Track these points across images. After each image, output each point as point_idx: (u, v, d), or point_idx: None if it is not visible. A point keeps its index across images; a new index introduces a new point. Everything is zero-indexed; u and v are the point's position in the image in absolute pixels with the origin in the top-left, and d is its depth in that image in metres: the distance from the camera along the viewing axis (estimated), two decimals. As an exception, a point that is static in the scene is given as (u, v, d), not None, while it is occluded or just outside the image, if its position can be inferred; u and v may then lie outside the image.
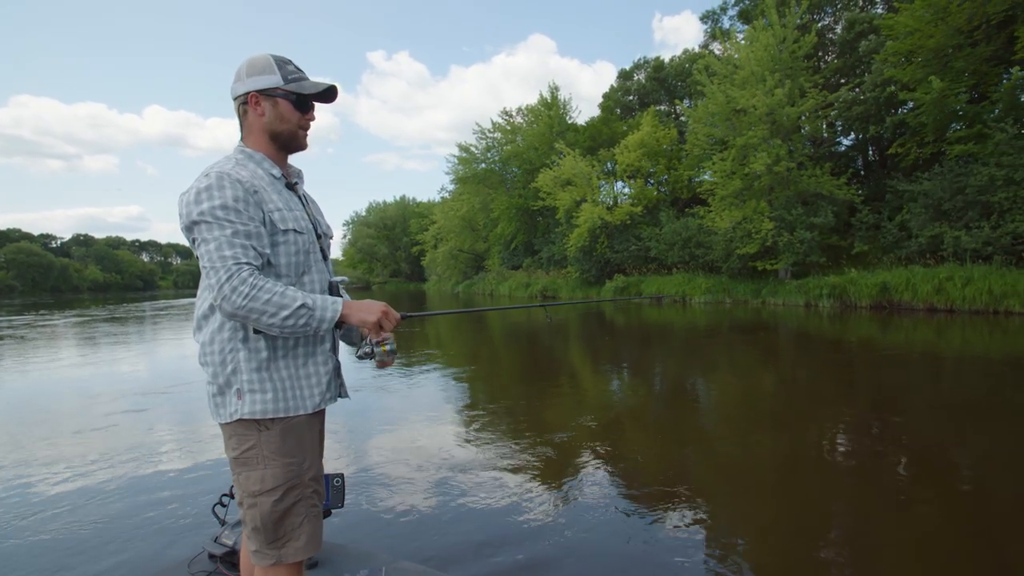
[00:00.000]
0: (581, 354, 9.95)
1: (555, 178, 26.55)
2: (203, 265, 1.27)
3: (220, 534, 2.20)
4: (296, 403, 1.37)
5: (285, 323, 1.25)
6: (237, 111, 1.44)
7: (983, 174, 13.96)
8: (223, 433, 1.40)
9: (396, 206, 65.62)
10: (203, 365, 1.38)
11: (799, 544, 2.78)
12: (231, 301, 1.22)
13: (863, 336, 10.92)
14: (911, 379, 6.96)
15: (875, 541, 2.74)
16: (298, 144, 1.49)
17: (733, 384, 6.91)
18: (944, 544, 2.76)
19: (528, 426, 4.89)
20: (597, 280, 25.56)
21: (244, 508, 1.36)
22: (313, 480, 1.41)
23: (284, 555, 1.35)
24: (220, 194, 1.27)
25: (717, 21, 28.65)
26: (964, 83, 14.98)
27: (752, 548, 2.72)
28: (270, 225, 1.34)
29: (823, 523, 3.02)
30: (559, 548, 2.64)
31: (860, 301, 15.71)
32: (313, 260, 1.45)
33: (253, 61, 1.42)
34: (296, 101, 1.43)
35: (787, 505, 3.25)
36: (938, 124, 15.48)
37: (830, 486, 3.53)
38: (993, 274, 13.45)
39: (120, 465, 3.95)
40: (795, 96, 18.13)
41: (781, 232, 17.80)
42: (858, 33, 20.54)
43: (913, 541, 2.77)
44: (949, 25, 15.14)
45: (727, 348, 10.12)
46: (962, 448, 4.22)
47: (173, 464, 3.95)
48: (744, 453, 4.18)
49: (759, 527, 2.98)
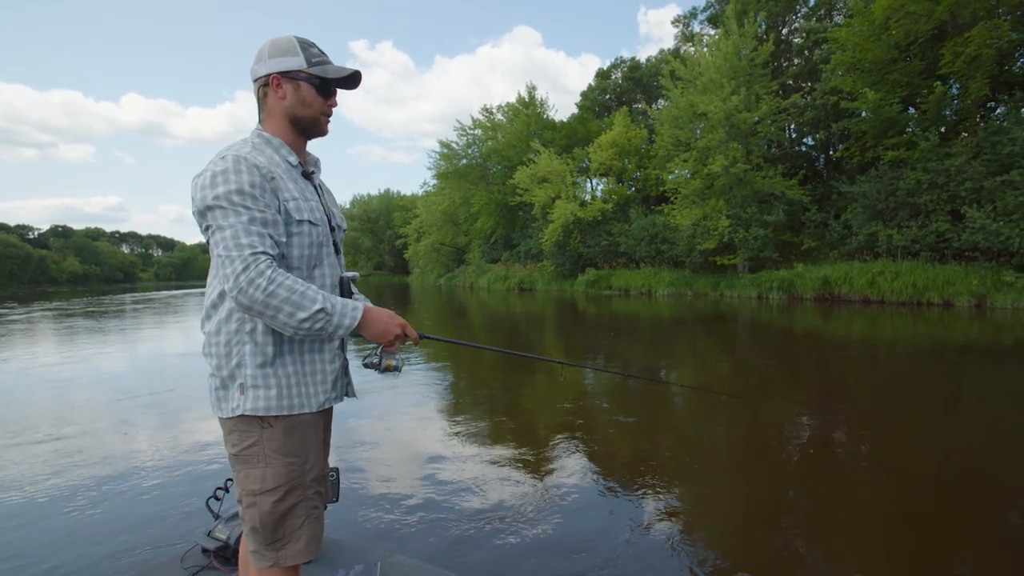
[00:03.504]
0: (556, 343, 10.35)
1: (531, 175, 27.64)
2: (217, 253, 1.21)
3: (213, 528, 2.17)
4: (301, 401, 1.33)
5: (301, 325, 1.21)
6: (256, 93, 1.39)
7: (911, 178, 15.38)
8: (223, 427, 1.35)
9: (380, 199, 66.23)
10: (207, 356, 1.34)
11: (758, 522, 2.96)
12: (247, 294, 1.17)
13: (808, 326, 11.82)
14: (851, 365, 7.48)
15: (825, 514, 2.98)
16: (319, 130, 1.43)
17: (694, 370, 7.35)
18: (888, 516, 2.93)
19: (511, 416, 5.03)
20: (571, 273, 26.78)
21: (243, 507, 1.32)
22: (315, 481, 1.38)
23: (283, 557, 1.32)
24: (237, 178, 1.22)
25: (688, 25, 29.89)
26: (898, 94, 16.35)
27: (711, 526, 2.90)
28: (285, 214, 1.29)
29: (777, 500, 3.19)
30: (551, 538, 2.68)
31: (805, 293, 17.10)
32: (326, 253, 1.40)
33: (276, 42, 1.36)
34: (319, 85, 1.37)
35: (743, 485, 3.43)
36: (876, 131, 16.86)
37: (781, 464, 3.78)
38: (918, 269, 14.90)
39: (110, 459, 3.86)
40: (751, 102, 19.40)
41: (737, 229, 19.12)
42: (813, 42, 21.87)
43: (859, 515, 2.95)
44: (886, 41, 16.48)
45: (689, 337, 10.78)
46: (897, 427, 4.60)
47: (165, 457, 3.89)
48: (703, 435, 4.51)
49: (719, 505, 3.18)
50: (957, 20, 15.37)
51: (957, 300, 14.00)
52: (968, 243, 14.25)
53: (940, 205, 15.04)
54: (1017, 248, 13.28)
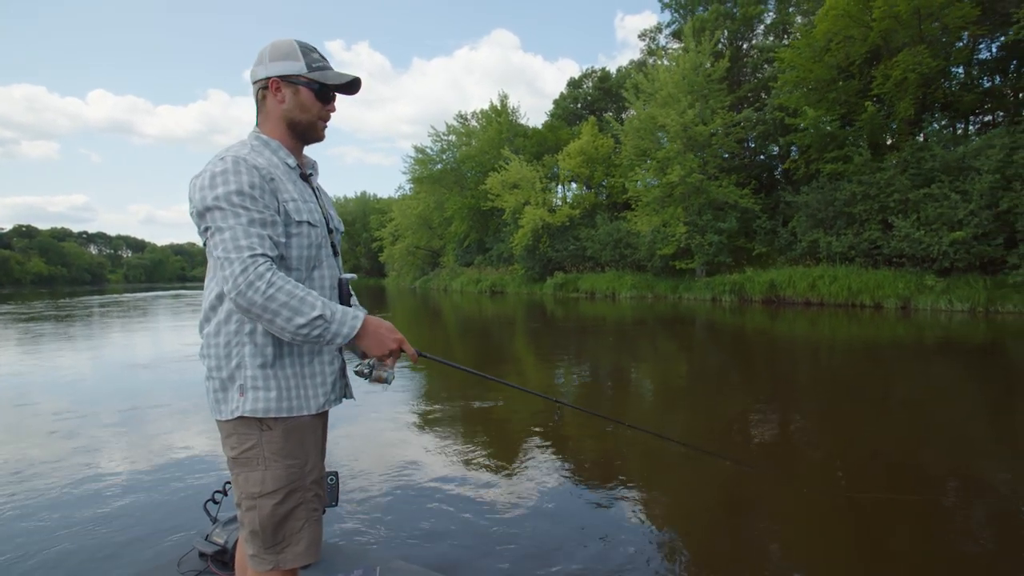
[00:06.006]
0: (526, 344, 10.72)
1: (503, 181, 28.52)
2: (216, 255, 1.21)
3: (211, 532, 2.16)
4: (300, 403, 1.33)
5: (299, 331, 1.21)
6: (255, 95, 1.40)
7: (847, 190, 16.68)
8: (221, 430, 1.35)
9: (356, 202, 66.42)
10: (204, 358, 1.34)
11: (722, 513, 3.14)
12: (246, 297, 1.17)
13: (756, 326, 12.64)
14: (796, 363, 8.05)
15: (781, 503, 3.19)
16: (316, 135, 1.44)
17: (654, 368, 7.83)
18: (836, 505, 3.12)
19: (510, 415, 5.17)
20: (540, 277, 27.71)
21: (243, 510, 1.32)
22: (315, 483, 1.38)
23: (283, 560, 1.32)
24: (236, 179, 1.23)
25: (655, 39, 31.17)
26: (837, 112, 17.67)
27: (683, 518, 3.05)
28: (284, 215, 1.30)
29: (737, 491, 3.38)
30: (552, 538, 2.72)
31: (754, 296, 18.27)
32: (324, 255, 1.41)
33: (277, 45, 1.37)
34: (318, 91, 1.38)
35: (700, 477, 3.61)
36: (818, 145, 18.17)
37: (736, 452, 4.02)
38: (853, 274, 16.17)
39: (106, 462, 3.83)
40: (707, 115, 20.59)
41: (694, 235, 20.27)
42: (766, 59, 23.24)
43: (812, 504, 3.16)
44: (828, 62, 17.79)
45: (651, 337, 11.41)
46: (837, 418, 4.99)
47: (162, 460, 3.86)
48: (670, 431, 4.73)
49: (688, 499, 3.35)
50: (890, 45, 16.74)
51: (886, 302, 15.26)
52: (896, 250, 15.55)
53: (872, 215, 16.36)
54: (936, 255, 14.60)
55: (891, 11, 15.25)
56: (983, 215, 13.80)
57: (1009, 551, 2.62)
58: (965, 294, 14.02)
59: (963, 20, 15.14)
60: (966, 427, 4.73)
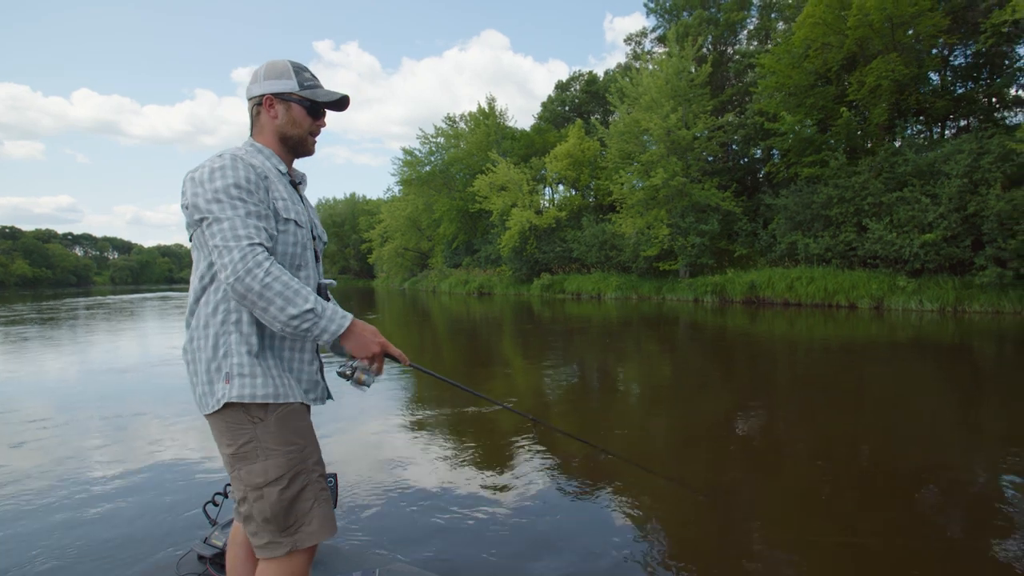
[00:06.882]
0: (514, 344, 10.80)
1: (490, 183, 28.77)
2: (214, 244, 1.25)
3: (210, 535, 2.14)
4: (286, 391, 1.36)
5: (289, 322, 1.24)
6: (250, 111, 1.48)
7: (824, 193, 17.12)
8: (213, 427, 1.35)
9: (345, 203, 66.38)
10: (189, 351, 1.37)
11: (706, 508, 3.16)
12: (244, 283, 1.21)
13: (737, 326, 12.73)
14: (776, 361, 8.18)
15: (764, 497, 3.25)
16: (306, 149, 1.52)
17: (639, 367, 7.95)
18: (816, 496, 3.23)
19: (488, 419, 5.21)
20: (527, 278, 27.99)
21: (249, 503, 1.32)
22: (317, 464, 1.39)
23: (299, 540, 1.32)
24: (234, 174, 1.29)
25: (640, 44, 31.59)
26: (815, 117, 18.12)
27: (672, 516, 3.08)
28: (274, 212, 1.36)
29: (721, 488, 3.44)
30: (551, 539, 2.74)
31: (735, 296, 18.63)
32: (309, 257, 1.47)
33: (272, 65, 1.46)
34: (309, 107, 1.47)
35: (694, 472, 3.69)
36: (797, 149, 18.60)
37: (718, 451, 4.11)
38: (829, 275, 16.58)
39: (101, 467, 3.81)
40: (690, 120, 20.97)
41: (676, 237, 20.64)
42: (748, 64, 23.68)
43: (794, 496, 3.24)
44: (806, 68, 18.24)
45: (635, 337, 11.49)
46: (815, 415, 5.14)
47: (158, 463, 3.86)
48: (655, 427, 4.89)
49: (678, 496, 3.36)
50: (865, 52, 17.20)
51: (860, 303, 15.67)
52: (870, 252, 15.99)
53: (848, 217, 16.80)
54: (908, 256, 15.04)
55: (865, 20, 15.69)
56: (952, 218, 14.24)
57: (979, 541, 2.72)
58: (935, 294, 14.46)
59: (934, 29, 15.63)
60: (935, 421, 4.94)
